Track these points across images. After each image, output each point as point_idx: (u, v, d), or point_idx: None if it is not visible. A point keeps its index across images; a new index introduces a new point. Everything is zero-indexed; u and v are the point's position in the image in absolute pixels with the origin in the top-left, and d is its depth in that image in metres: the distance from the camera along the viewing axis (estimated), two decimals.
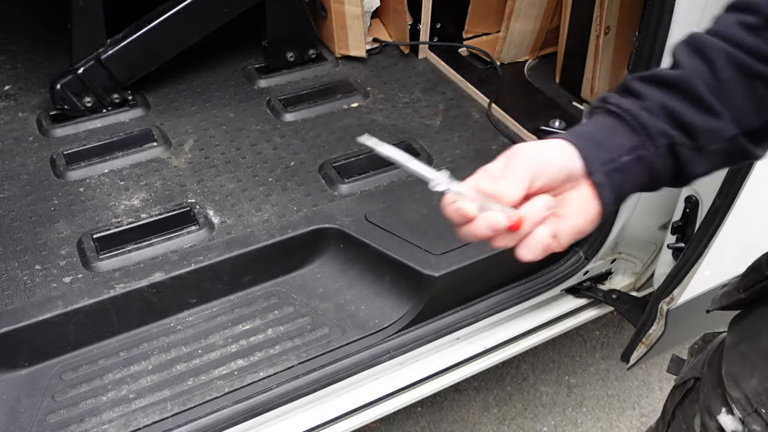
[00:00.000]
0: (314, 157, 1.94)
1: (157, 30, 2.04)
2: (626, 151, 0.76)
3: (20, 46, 2.41)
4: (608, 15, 2.00)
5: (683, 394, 1.17)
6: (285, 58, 2.26)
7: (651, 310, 1.70)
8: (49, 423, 1.41)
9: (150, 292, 1.56)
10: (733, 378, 1.02)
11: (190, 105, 2.13)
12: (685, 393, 1.16)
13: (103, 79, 2.02)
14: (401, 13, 2.32)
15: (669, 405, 1.21)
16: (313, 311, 1.64)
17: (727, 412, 1.02)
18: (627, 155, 0.76)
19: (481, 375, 2.26)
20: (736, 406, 1.00)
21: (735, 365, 1.03)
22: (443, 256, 1.64)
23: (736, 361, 1.03)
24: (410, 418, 2.19)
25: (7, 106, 2.12)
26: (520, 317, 1.81)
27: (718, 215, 1.46)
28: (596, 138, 0.77)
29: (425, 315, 1.65)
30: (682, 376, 1.19)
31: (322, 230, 1.71)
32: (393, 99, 2.19)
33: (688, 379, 1.16)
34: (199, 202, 1.78)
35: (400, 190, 1.83)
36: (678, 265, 1.60)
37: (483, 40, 2.43)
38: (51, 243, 1.66)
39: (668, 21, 1.40)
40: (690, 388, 1.15)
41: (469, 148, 1.98)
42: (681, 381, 1.18)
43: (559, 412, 2.23)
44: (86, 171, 1.87)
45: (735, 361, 1.03)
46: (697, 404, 1.10)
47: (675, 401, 1.19)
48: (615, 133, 0.77)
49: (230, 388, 1.49)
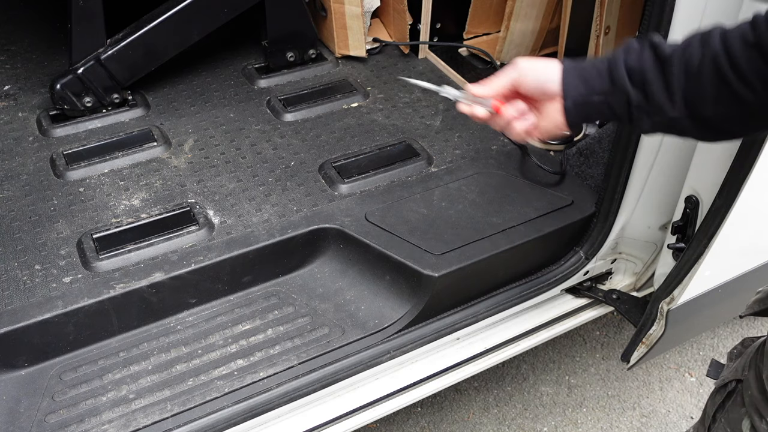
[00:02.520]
0: (314, 157, 1.94)
1: (157, 30, 2.04)
2: (598, 92, 1.01)
3: (20, 46, 2.41)
4: (608, 15, 2.00)
5: (724, 397, 1.16)
6: (285, 58, 2.26)
7: (651, 310, 1.70)
8: (48, 423, 1.41)
9: (150, 292, 1.56)
10: None
11: (190, 105, 2.13)
12: (727, 396, 1.16)
13: (103, 79, 2.02)
14: (401, 13, 2.32)
15: (709, 408, 1.21)
16: (313, 311, 1.64)
17: None
18: (598, 96, 1.01)
19: (481, 375, 2.26)
20: None
21: None
22: (443, 256, 1.64)
23: None
24: (410, 418, 2.19)
25: (7, 106, 2.12)
26: (520, 317, 1.80)
27: (719, 215, 1.46)
28: (584, 74, 1.03)
29: (425, 315, 1.65)
30: (723, 378, 1.19)
31: (322, 230, 1.71)
32: (393, 99, 2.19)
33: (729, 381, 1.16)
34: (199, 202, 1.78)
35: (400, 190, 1.83)
36: (678, 266, 1.60)
37: (483, 40, 2.43)
38: (51, 243, 1.66)
39: (668, 21, 1.40)
40: (732, 390, 1.15)
41: (469, 148, 1.98)
42: (722, 383, 1.18)
43: (560, 413, 2.23)
44: (86, 171, 1.87)
45: None
46: (743, 407, 1.10)
47: (716, 404, 1.18)
48: (598, 76, 1.01)
49: (230, 388, 1.49)
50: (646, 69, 0.97)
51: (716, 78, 0.91)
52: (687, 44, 0.95)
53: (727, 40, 0.91)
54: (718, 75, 0.91)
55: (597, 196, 1.76)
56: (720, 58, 0.90)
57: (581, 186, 1.84)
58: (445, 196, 1.79)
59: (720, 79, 0.91)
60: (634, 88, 0.98)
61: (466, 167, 1.89)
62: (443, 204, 1.77)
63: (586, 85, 1.02)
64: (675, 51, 0.95)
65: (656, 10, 1.41)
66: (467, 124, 2.08)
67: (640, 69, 0.98)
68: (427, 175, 1.87)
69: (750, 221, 1.55)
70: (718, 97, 0.92)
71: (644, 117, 0.99)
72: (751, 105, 0.90)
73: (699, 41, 0.94)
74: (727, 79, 0.90)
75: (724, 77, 0.90)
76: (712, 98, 0.92)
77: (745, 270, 1.74)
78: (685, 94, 0.94)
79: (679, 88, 0.94)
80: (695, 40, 0.95)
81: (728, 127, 0.96)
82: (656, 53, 0.97)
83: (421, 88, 1.28)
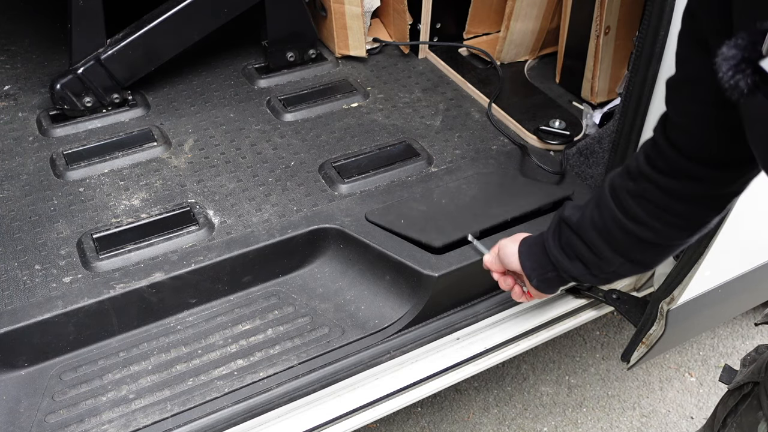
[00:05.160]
0: (314, 157, 1.94)
1: (157, 30, 2.04)
2: (550, 270, 1.24)
3: (20, 46, 2.41)
4: (608, 15, 2.00)
5: (738, 400, 1.16)
6: (285, 58, 2.26)
7: (651, 310, 1.70)
8: (48, 423, 1.41)
9: (150, 292, 1.56)
10: None
11: (190, 105, 2.13)
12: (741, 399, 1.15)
13: (103, 79, 2.02)
14: (401, 13, 2.32)
15: (720, 413, 1.20)
16: (313, 311, 1.64)
17: None
18: (551, 273, 1.24)
19: (481, 375, 2.26)
20: None
21: None
22: (443, 256, 1.64)
23: None
24: (410, 418, 2.19)
25: (7, 106, 2.12)
26: (520, 317, 1.80)
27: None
28: (535, 257, 1.26)
29: (425, 315, 1.65)
30: (738, 381, 1.18)
31: (322, 230, 1.71)
32: (393, 99, 2.19)
33: (745, 383, 1.15)
34: (199, 202, 1.78)
35: (400, 190, 1.82)
36: (678, 266, 1.60)
37: (483, 40, 2.43)
38: (51, 243, 1.66)
39: (668, 21, 1.40)
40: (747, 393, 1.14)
41: (469, 148, 1.98)
42: (737, 385, 1.17)
43: (560, 413, 2.23)
44: (86, 171, 1.87)
45: None
46: (759, 411, 1.09)
47: (727, 408, 1.17)
48: (545, 256, 1.23)
49: (230, 388, 1.49)
50: (574, 243, 1.17)
51: (621, 231, 1.10)
52: (583, 212, 1.16)
53: (617, 197, 1.09)
54: (622, 228, 1.09)
55: None
56: (616, 213, 1.09)
57: (581, 186, 1.84)
58: (445, 195, 1.79)
59: (624, 231, 1.09)
60: (571, 261, 1.19)
61: (466, 167, 1.89)
62: (443, 201, 1.77)
63: (539, 266, 1.25)
64: (581, 218, 1.16)
65: (656, 10, 1.41)
66: (467, 124, 2.08)
67: (569, 243, 1.18)
68: (427, 175, 1.87)
69: (750, 221, 1.55)
70: (633, 243, 1.10)
71: (590, 278, 1.20)
72: (659, 240, 1.09)
73: (594, 204, 1.14)
74: (627, 228, 1.09)
75: (624, 227, 1.09)
76: (630, 245, 1.11)
77: (745, 270, 1.74)
78: (612, 248, 1.13)
79: (603, 247, 1.13)
80: (589, 207, 1.15)
81: (659, 258, 1.15)
82: (569, 227, 1.18)
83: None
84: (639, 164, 1.05)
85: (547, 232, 1.24)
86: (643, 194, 1.05)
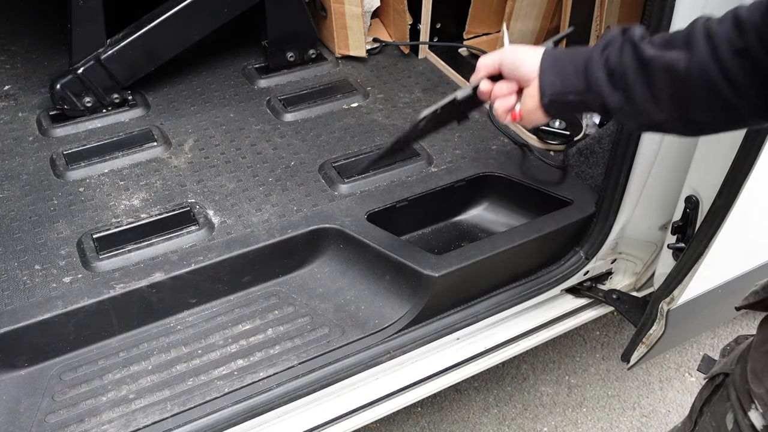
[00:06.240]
0: (314, 157, 1.94)
1: (157, 30, 2.04)
2: (573, 92, 1.03)
3: (20, 46, 2.41)
4: (608, 15, 2.00)
5: (711, 390, 1.17)
6: (285, 58, 2.26)
7: (651, 310, 1.70)
8: (48, 423, 1.41)
9: (150, 292, 1.56)
10: (756, 375, 1.03)
11: (190, 105, 2.13)
12: (714, 390, 1.17)
13: (103, 79, 2.02)
14: (401, 13, 2.32)
15: (697, 402, 1.22)
16: (313, 311, 1.64)
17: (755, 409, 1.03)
18: (573, 95, 1.03)
19: (481, 375, 2.26)
20: (759, 402, 1.01)
21: (759, 363, 1.04)
22: (443, 256, 1.64)
23: (760, 359, 1.05)
24: (410, 418, 2.19)
25: (7, 106, 2.12)
26: (520, 317, 1.81)
27: (719, 215, 1.46)
28: (562, 70, 1.04)
29: (425, 315, 1.65)
30: (712, 372, 1.19)
31: (322, 230, 1.71)
32: (393, 99, 2.19)
33: (717, 375, 1.17)
34: (199, 202, 1.78)
35: (400, 190, 1.82)
36: (678, 266, 1.60)
37: (483, 40, 2.43)
38: (51, 243, 1.66)
39: (668, 21, 1.40)
40: (719, 384, 1.16)
41: (470, 148, 1.97)
42: (710, 376, 1.19)
43: (560, 413, 2.23)
44: (86, 171, 1.87)
45: (759, 358, 1.05)
46: (728, 401, 1.10)
47: (703, 398, 1.19)
48: (575, 73, 1.02)
49: (230, 388, 1.49)
50: (628, 72, 0.96)
51: (706, 87, 0.90)
52: (668, 43, 0.94)
53: (714, 45, 0.88)
54: (709, 84, 0.89)
55: (597, 196, 1.76)
56: (708, 66, 0.89)
57: (581, 186, 1.84)
58: None
59: (711, 88, 0.89)
60: (615, 90, 0.98)
61: (466, 167, 1.89)
62: None
63: (562, 83, 1.04)
64: (656, 52, 0.94)
65: (656, 10, 1.41)
66: (467, 124, 2.08)
67: (621, 71, 0.97)
68: (427, 175, 1.87)
69: (750, 221, 1.55)
70: (708, 104, 0.91)
71: (626, 118, 1.00)
72: (741, 110, 0.90)
73: (682, 42, 0.92)
74: (718, 89, 0.89)
75: (715, 87, 0.89)
76: (703, 105, 0.91)
77: (745, 270, 1.74)
78: (673, 98, 0.93)
79: (664, 92, 0.93)
80: (678, 40, 0.93)
81: (718, 128, 0.97)
82: (636, 53, 0.95)
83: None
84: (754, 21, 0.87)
85: (595, 49, 1.02)
86: (747, 52, 0.87)
